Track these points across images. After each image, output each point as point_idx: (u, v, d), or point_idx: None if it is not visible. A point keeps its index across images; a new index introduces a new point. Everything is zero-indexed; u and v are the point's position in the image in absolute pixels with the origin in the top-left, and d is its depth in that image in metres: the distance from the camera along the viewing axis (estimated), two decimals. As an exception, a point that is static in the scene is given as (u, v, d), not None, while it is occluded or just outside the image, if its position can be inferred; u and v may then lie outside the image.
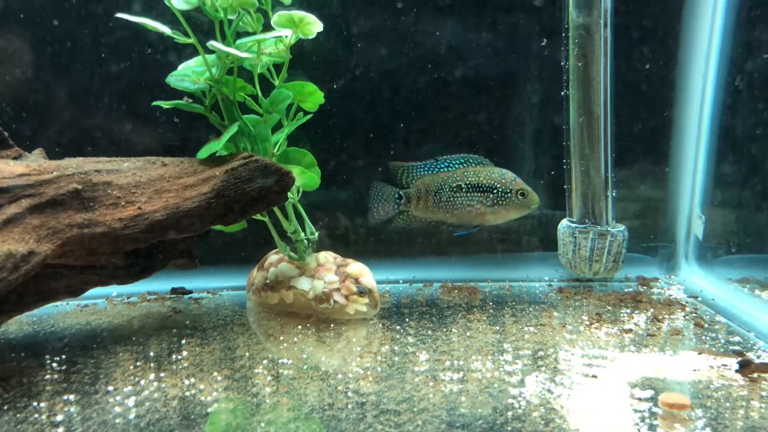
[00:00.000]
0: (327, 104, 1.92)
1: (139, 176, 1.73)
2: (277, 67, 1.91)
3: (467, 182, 2.06)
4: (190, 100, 1.78)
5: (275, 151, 1.89)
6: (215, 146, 1.76)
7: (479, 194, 2.05)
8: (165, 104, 1.79)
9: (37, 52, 2.13)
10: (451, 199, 2.08)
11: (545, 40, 2.23)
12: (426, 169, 2.12)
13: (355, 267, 1.95)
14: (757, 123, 2.03)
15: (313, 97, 1.91)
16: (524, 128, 2.30)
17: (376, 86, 2.28)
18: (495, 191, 2.05)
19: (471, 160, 2.09)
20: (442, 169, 2.10)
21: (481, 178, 2.06)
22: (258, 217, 1.96)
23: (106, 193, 1.67)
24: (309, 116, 1.93)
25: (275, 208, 1.93)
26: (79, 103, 2.17)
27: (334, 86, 2.24)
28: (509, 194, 2.05)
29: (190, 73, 1.80)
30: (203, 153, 1.78)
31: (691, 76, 2.19)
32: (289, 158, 1.90)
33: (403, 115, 2.29)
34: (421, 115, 2.29)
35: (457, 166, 2.09)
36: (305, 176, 1.88)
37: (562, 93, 2.17)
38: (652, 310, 1.96)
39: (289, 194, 1.89)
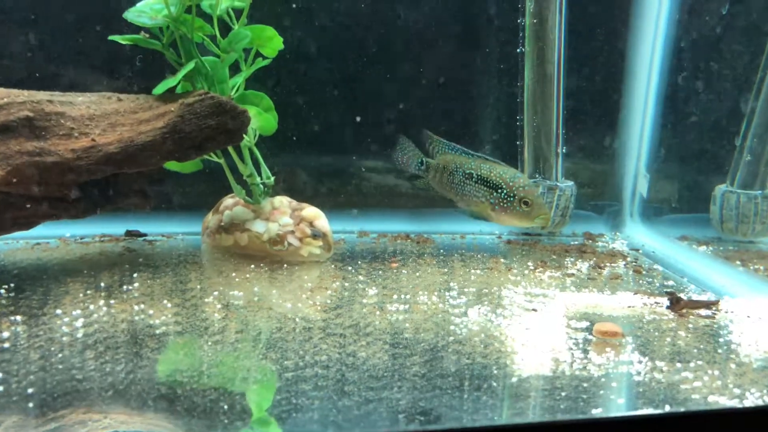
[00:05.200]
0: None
1: (93, 109, 1.73)
2: (238, 13, 1.92)
3: (479, 173, 2.03)
4: (147, 35, 1.78)
5: (233, 93, 1.90)
6: (171, 82, 1.76)
7: (486, 189, 2.02)
8: (121, 39, 1.78)
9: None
10: (462, 184, 2.06)
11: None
12: (450, 147, 2.11)
13: (310, 210, 1.98)
14: (699, 83, 2.12)
15: (273, 41, 1.93)
16: (479, 86, 2.35)
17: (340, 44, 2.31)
18: (500, 191, 2.00)
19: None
20: (465, 153, 2.09)
21: (492, 174, 2.01)
22: (214, 158, 1.97)
23: (59, 124, 1.67)
24: (268, 61, 1.95)
25: (231, 151, 1.95)
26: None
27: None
28: (511, 199, 1.99)
29: (148, 10, 1.79)
30: (159, 89, 1.78)
31: (641, 37, 2.27)
32: (246, 100, 1.91)
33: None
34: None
35: (479, 155, 2.08)
36: (262, 118, 1.90)
37: (518, 50, 2.22)
38: (595, 259, 2.04)
39: (246, 137, 1.90)
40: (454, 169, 2.08)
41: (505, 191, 1.99)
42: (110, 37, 1.79)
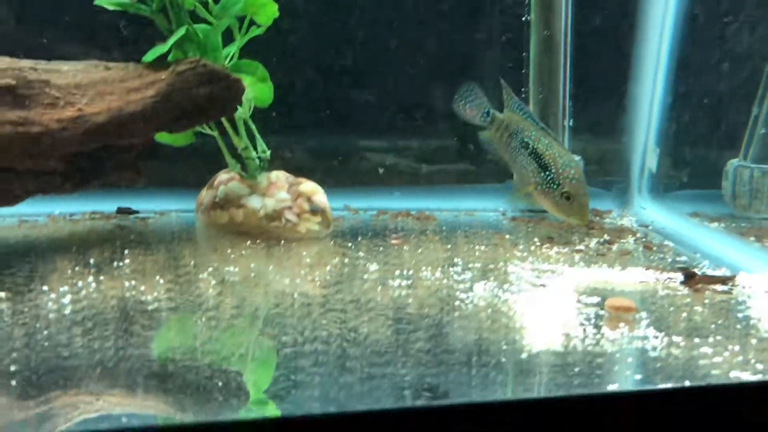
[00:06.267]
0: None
1: (80, 78, 1.65)
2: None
3: (534, 146, 1.86)
4: (135, 0, 1.70)
5: (227, 62, 1.83)
6: (161, 49, 1.68)
7: (535, 165, 1.85)
8: (107, 4, 1.70)
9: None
10: (517, 150, 1.89)
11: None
12: (521, 109, 1.92)
13: (308, 185, 1.91)
14: (712, 52, 2.04)
15: (267, 8, 1.84)
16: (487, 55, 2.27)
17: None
18: (546, 173, 1.82)
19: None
20: (532, 120, 1.90)
21: (547, 153, 1.83)
22: (207, 131, 1.89)
23: (43, 92, 1.59)
24: (262, 29, 1.86)
25: (226, 124, 1.87)
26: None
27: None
28: (554, 186, 1.82)
29: (136, -26, 1.71)
30: (149, 57, 1.70)
31: (652, 5, 2.19)
32: (241, 69, 1.83)
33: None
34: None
35: (544, 127, 1.90)
36: (257, 88, 1.82)
37: (523, 18, 2.14)
38: (604, 236, 1.97)
39: (240, 108, 1.83)
40: (515, 131, 1.90)
41: (551, 176, 1.82)
42: (96, 2, 1.71)
